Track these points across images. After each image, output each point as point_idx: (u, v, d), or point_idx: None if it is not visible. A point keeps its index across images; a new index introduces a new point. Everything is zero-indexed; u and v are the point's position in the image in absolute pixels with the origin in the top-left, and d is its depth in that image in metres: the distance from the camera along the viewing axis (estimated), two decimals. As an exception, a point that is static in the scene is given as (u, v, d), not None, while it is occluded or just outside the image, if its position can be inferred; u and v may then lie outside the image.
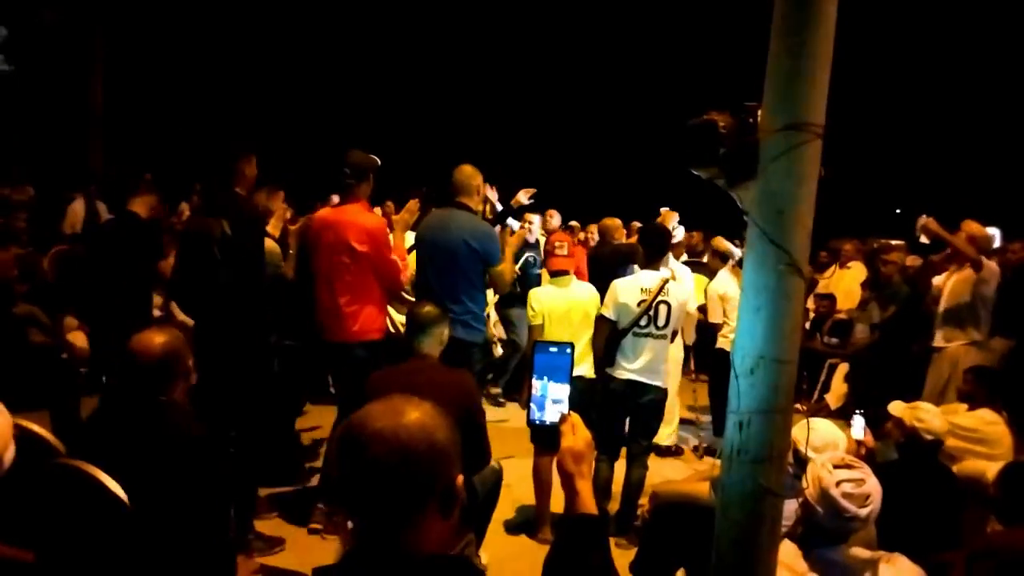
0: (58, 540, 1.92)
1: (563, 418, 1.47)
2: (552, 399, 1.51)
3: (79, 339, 6.30)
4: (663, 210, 5.73)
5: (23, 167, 9.78)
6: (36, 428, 2.25)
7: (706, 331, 6.39)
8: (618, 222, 6.74)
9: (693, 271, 6.07)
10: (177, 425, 2.15)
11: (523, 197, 5.09)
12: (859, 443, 3.23)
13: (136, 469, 1.96)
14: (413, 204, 4.27)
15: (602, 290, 4.21)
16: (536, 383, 1.52)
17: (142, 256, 4.62)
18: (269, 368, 4.17)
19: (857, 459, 2.30)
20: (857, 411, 3.40)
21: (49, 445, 2.22)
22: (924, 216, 5.30)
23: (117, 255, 4.50)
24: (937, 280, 5.65)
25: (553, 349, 1.54)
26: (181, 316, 6.65)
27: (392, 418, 1.19)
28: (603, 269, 5.56)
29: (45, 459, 2.11)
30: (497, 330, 6.85)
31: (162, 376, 2.21)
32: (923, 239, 6.59)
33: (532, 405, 1.52)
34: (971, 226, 5.30)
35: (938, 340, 5.38)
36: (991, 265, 5.09)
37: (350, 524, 3.14)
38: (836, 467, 2.20)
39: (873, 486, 2.17)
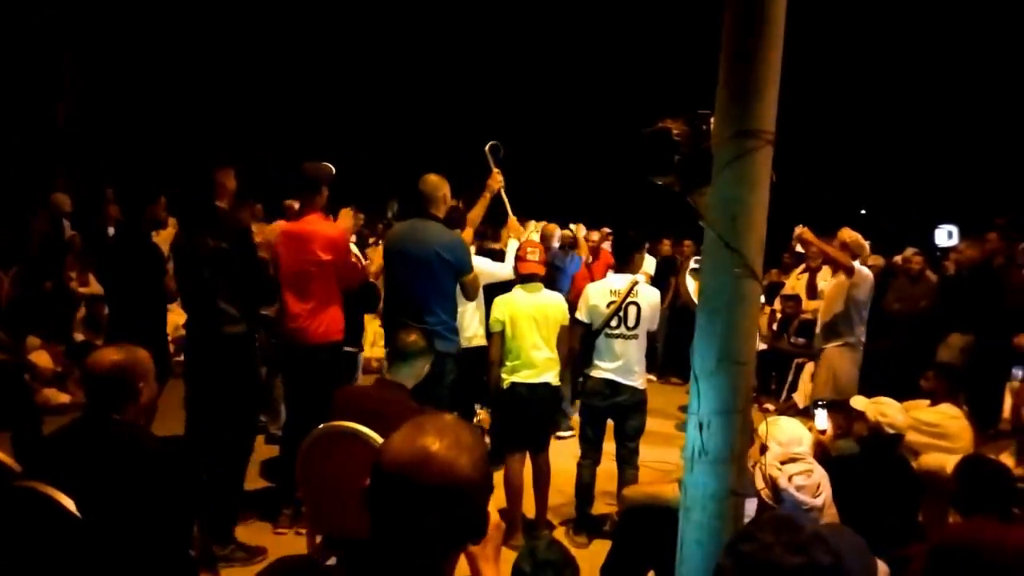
0: (15, 562, 1.87)
1: None
2: None
3: (42, 358, 6.17)
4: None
5: None
6: (-11, 450, 2.20)
7: (676, 332, 6.42)
8: (554, 227, 6.69)
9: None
10: (131, 442, 2.11)
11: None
12: (823, 432, 3.27)
13: (91, 488, 1.92)
14: (346, 211, 4.41)
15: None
16: None
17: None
18: (259, 382, 4.24)
19: (798, 453, 2.34)
20: (819, 402, 3.44)
21: (4, 466, 2.17)
22: (800, 226, 5.49)
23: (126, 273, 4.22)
24: (823, 286, 5.85)
25: None
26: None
27: (439, 464, 1.12)
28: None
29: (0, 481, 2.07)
30: None
31: (115, 393, 2.17)
32: (798, 248, 6.80)
33: None
34: (845, 233, 5.48)
35: (817, 342, 5.54)
36: (862, 271, 5.24)
37: (318, 539, 3.09)
38: (783, 463, 2.25)
39: (820, 474, 2.23)
